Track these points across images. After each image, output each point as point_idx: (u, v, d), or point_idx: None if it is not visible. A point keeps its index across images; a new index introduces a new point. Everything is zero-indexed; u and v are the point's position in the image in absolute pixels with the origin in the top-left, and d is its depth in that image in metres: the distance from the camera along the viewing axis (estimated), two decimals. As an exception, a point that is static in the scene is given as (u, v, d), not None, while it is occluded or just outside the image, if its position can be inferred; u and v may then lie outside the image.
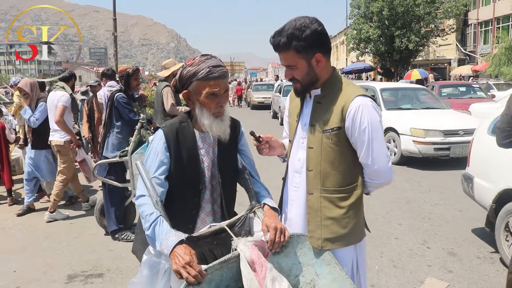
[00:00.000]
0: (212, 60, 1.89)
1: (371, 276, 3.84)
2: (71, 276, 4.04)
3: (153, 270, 1.78)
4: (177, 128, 1.95)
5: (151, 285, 1.77)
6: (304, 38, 1.84)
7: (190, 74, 1.87)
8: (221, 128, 1.91)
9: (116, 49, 14.06)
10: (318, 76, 1.94)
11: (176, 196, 1.95)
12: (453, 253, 4.37)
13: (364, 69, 33.98)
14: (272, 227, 1.79)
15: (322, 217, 1.94)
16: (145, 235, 1.79)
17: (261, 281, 1.59)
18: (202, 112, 1.89)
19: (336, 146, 1.92)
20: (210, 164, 1.98)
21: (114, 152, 4.81)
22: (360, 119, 1.86)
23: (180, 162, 1.92)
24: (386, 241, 4.70)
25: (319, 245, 1.91)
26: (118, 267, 4.20)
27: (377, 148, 1.89)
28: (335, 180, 1.94)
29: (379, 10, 28.15)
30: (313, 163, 1.95)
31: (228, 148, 2.02)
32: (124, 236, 4.84)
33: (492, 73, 24.30)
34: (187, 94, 1.92)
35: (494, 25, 34.00)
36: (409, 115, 9.20)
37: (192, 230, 1.94)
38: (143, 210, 1.82)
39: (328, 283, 1.81)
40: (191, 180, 1.94)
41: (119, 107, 4.79)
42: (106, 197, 4.88)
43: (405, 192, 6.67)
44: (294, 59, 1.90)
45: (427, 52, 36.00)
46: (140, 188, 1.88)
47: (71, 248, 4.74)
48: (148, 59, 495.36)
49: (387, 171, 1.95)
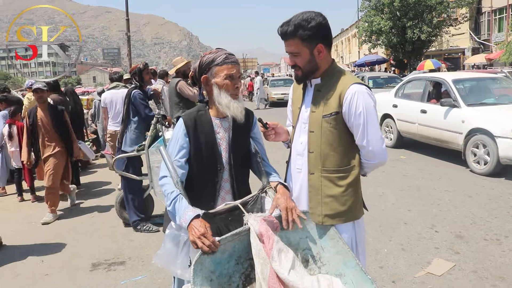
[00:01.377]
0: (226, 50, 2.17)
1: (380, 258, 4.01)
2: (94, 264, 4.29)
3: (174, 242, 2.01)
4: (195, 116, 2.18)
5: (174, 255, 1.99)
6: (309, 28, 2.04)
7: (209, 60, 2.12)
8: (237, 108, 2.13)
9: (130, 49, 14.31)
10: (318, 65, 2.14)
11: (197, 177, 2.18)
12: (461, 236, 4.50)
13: (376, 61, 33.77)
14: (283, 207, 1.98)
15: (322, 195, 2.13)
16: (167, 211, 2.02)
17: (268, 252, 1.78)
18: (220, 93, 2.11)
19: (335, 130, 2.10)
20: (226, 147, 2.20)
21: (132, 147, 5.02)
22: (356, 104, 2.05)
23: (198, 145, 2.15)
24: (396, 226, 4.84)
25: (320, 220, 2.10)
26: (139, 255, 4.43)
27: (371, 131, 2.07)
28: (334, 161, 2.12)
29: (390, 1, 27.98)
30: (314, 145, 2.14)
31: (241, 133, 2.25)
32: (145, 227, 5.06)
33: (506, 61, 23.98)
34: (206, 78, 2.15)
35: (508, 12, 33.44)
36: (502, 112, 7.25)
37: (213, 207, 2.15)
38: (165, 189, 2.05)
39: (332, 255, 1.98)
40: (210, 161, 2.17)
41: (136, 103, 5.00)
42: (126, 190, 5.09)
43: (416, 180, 6.78)
44: (298, 47, 2.09)
45: (440, 42, 35.62)
46: (163, 169, 2.12)
47: (93, 239, 4.99)
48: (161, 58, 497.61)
49: (381, 152, 2.13)
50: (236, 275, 1.86)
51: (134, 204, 5.05)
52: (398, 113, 9.47)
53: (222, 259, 1.82)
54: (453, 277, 3.63)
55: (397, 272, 3.78)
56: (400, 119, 9.37)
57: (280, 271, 1.73)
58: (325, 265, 1.96)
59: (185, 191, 2.07)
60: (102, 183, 7.77)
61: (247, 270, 1.88)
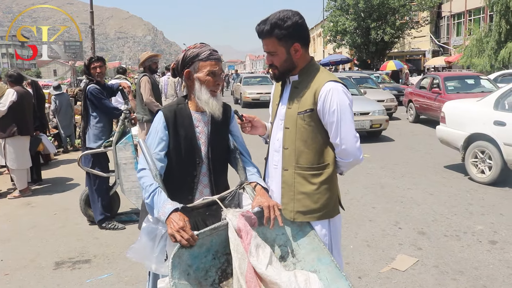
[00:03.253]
0: (210, 46, 2.17)
1: (346, 254, 4.09)
2: (58, 263, 4.17)
3: (151, 236, 1.98)
4: (175, 109, 2.18)
5: (150, 249, 1.97)
6: (285, 28, 2.04)
7: (193, 54, 2.12)
8: (216, 105, 2.15)
9: (94, 42, 13.97)
10: (295, 64, 2.15)
11: (175, 170, 2.17)
12: (423, 232, 4.67)
13: (341, 61, 34.37)
14: (265, 205, 2.00)
15: (295, 191, 2.14)
16: (145, 204, 2.01)
17: (246, 247, 1.80)
18: (201, 89, 2.12)
19: (309, 127, 2.12)
20: (206, 141, 2.21)
21: (97, 142, 4.91)
22: (330, 102, 2.06)
23: (178, 139, 2.15)
24: (361, 223, 4.96)
25: (292, 217, 2.11)
26: (105, 253, 4.35)
27: (345, 129, 2.08)
28: (308, 158, 2.13)
29: (355, 2, 28.59)
30: (289, 142, 2.16)
31: (219, 127, 2.26)
32: (111, 225, 4.96)
33: (464, 64, 24.97)
34: (188, 73, 2.15)
35: (466, 18, 34.77)
36: None
37: (191, 201, 2.16)
38: (144, 182, 2.04)
39: (308, 252, 2.02)
40: (189, 155, 2.17)
41: (92, 98, 4.89)
42: (92, 187, 4.98)
43: (379, 178, 6.97)
44: (274, 46, 2.10)
45: (402, 44, 36.65)
46: (141, 162, 2.11)
47: (57, 237, 4.85)
48: (125, 52, 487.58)
49: (355, 151, 2.13)
50: (213, 269, 1.87)
51: (101, 202, 4.95)
52: (505, 134, 6.17)
53: (200, 253, 1.83)
54: (416, 272, 3.77)
55: (363, 268, 3.89)
56: (510, 143, 6.12)
57: (257, 266, 1.75)
58: (300, 261, 1.99)
59: (163, 184, 2.06)
60: (65, 179, 7.56)
61: (223, 265, 1.90)
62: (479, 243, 4.36)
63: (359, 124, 10.09)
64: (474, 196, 5.91)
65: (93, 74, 5.04)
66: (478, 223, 4.90)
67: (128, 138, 4.82)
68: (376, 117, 10.53)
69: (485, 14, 30.48)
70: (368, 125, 10.40)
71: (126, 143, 4.81)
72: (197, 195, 2.21)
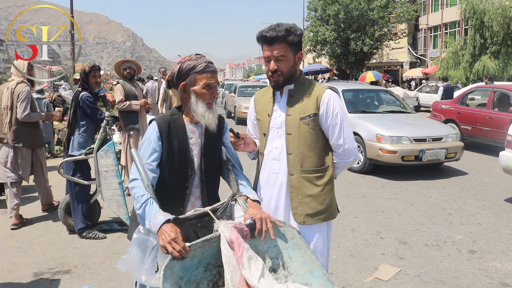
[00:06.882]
0: (206, 58, 2.16)
1: (330, 265, 4.09)
2: (37, 274, 4.06)
3: (141, 247, 1.95)
4: (168, 120, 2.16)
5: (140, 260, 1.94)
6: (298, 35, 2.21)
7: (189, 67, 2.10)
8: (212, 118, 2.15)
9: (74, 48, 13.80)
10: (296, 71, 2.28)
11: (168, 181, 2.15)
12: (404, 242, 4.73)
13: (320, 70, 34.78)
14: (257, 218, 2.00)
15: (302, 195, 2.26)
16: (136, 214, 1.98)
17: (239, 259, 1.79)
18: (197, 102, 2.11)
19: (313, 131, 2.25)
20: (199, 153, 2.20)
21: (80, 150, 4.85)
22: (333, 106, 2.24)
23: (171, 150, 2.13)
24: (343, 232, 5.00)
25: (302, 220, 2.24)
26: (85, 263, 4.26)
27: (347, 130, 2.28)
28: (312, 161, 2.27)
29: (336, 13, 28.95)
30: (293, 147, 2.27)
31: (213, 139, 2.25)
32: (92, 234, 4.86)
33: (441, 75, 25.56)
34: (184, 86, 2.14)
35: (442, 31, 35.66)
36: None
37: (183, 212, 2.14)
38: (135, 192, 2.01)
39: (300, 265, 2.02)
40: (181, 166, 2.15)
41: (85, 106, 4.85)
42: (72, 195, 4.89)
43: (360, 188, 7.04)
44: (285, 51, 2.20)
45: (380, 55, 37.28)
46: (133, 172, 2.08)
47: (35, 247, 4.72)
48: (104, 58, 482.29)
49: (355, 150, 2.34)
50: (204, 282, 1.86)
51: (82, 211, 4.85)
52: None
53: (191, 265, 1.82)
54: (399, 282, 3.81)
55: (347, 278, 3.91)
56: None
57: (250, 279, 1.75)
58: (292, 274, 1.99)
59: (155, 194, 2.04)
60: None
61: (215, 277, 1.88)
62: (459, 252, 4.44)
63: (432, 154, 7.58)
64: (453, 206, 6.03)
65: (91, 82, 5.00)
66: (457, 232, 5.00)
67: (109, 146, 4.75)
68: (451, 143, 7.90)
69: (461, 27, 31.34)
70: (443, 155, 7.69)
71: (107, 150, 4.74)
72: (189, 207, 2.20)
